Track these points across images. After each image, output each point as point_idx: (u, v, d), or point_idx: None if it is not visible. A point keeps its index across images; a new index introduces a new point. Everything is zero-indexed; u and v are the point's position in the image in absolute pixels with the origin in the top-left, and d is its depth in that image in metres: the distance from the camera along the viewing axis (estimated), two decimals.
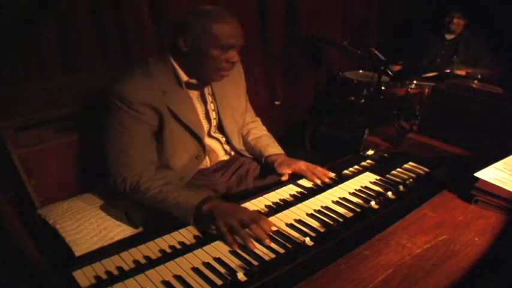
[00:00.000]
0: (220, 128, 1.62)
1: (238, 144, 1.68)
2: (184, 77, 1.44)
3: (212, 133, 1.60)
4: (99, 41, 2.06)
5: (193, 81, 1.46)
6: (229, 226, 1.14)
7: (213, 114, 1.58)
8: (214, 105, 1.58)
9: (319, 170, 1.54)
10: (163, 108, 1.40)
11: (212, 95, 1.58)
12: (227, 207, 1.21)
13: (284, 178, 1.53)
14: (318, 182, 1.50)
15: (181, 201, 1.26)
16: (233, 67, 1.43)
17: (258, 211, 1.31)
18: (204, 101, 1.56)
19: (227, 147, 1.66)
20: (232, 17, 1.39)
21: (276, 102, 3.04)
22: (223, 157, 1.66)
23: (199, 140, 1.50)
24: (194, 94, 1.52)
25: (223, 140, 1.64)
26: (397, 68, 3.10)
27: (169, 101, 1.41)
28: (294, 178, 1.55)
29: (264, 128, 1.83)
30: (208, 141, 1.58)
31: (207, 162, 1.60)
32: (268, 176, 1.63)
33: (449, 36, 3.26)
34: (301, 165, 1.57)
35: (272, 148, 1.70)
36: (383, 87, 2.73)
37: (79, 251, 1.34)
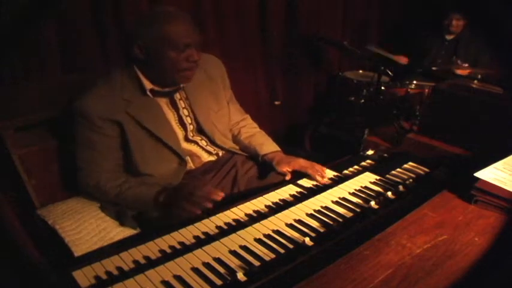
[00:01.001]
0: (200, 131, 1.59)
1: (224, 142, 1.64)
2: (149, 85, 1.42)
3: (190, 137, 1.57)
4: (99, 41, 2.06)
5: (158, 88, 1.44)
6: (180, 208, 1.27)
7: (187, 120, 1.55)
8: (188, 110, 1.55)
9: (318, 166, 1.54)
10: (125, 119, 1.40)
11: (186, 100, 1.54)
12: (176, 192, 1.34)
13: (287, 178, 1.51)
14: (319, 179, 1.50)
15: (139, 199, 1.39)
16: (196, 65, 1.41)
17: (256, 212, 1.31)
18: (175, 108, 1.52)
19: (211, 148, 1.63)
20: (183, 15, 1.36)
21: (276, 102, 3.03)
22: (209, 158, 1.63)
23: (173, 147, 1.48)
24: (163, 101, 1.49)
25: (203, 142, 1.60)
26: (404, 60, 3.09)
27: (134, 111, 1.40)
28: (294, 178, 1.55)
29: (255, 124, 1.80)
30: (186, 145, 1.56)
31: (190, 165, 1.58)
32: (269, 176, 1.62)
33: (449, 37, 3.26)
34: (301, 162, 1.56)
35: (267, 146, 1.67)
36: (383, 87, 2.74)
37: (78, 251, 1.34)
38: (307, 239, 1.13)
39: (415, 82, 2.72)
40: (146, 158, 1.46)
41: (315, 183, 1.51)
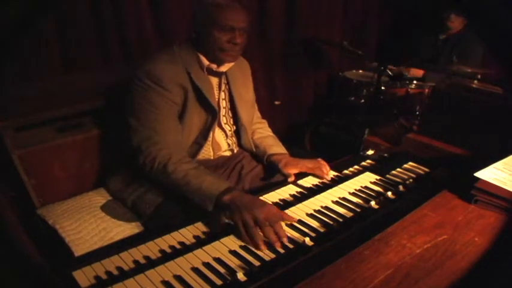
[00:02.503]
0: (234, 118, 1.65)
1: (249, 136, 1.70)
2: (206, 62, 1.50)
3: (222, 123, 1.62)
4: (99, 41, 2.06)
5: (214, 66, 1.51)
6: (244, 222, 1.16)
7: (223, 103, 1.61)
8: (225, 94, 1.62)
9: (326, 167, 1.55)
10: (189, 88, 1.47)
11: (227, 84, 1.62)
12: (246, 201, 1.21)
13: (291, 179, 1.52)
14: (327, 177, 1.53)
15: (203, 188, 1.28)
16: (237, 48, 1.47)
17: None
18: (220, 88, 1.60)
19: (230, 142, 1.66)
20: (234, 4, 1.45)
21: (276, 102, 3.03)
22: (226, 152, 1.67)
23: (211, 126, 1.54)
24: (214, 80, 1.57)
25: (229, 133, 1.65)
26: (419, 72, 3.09)
27: (196, 80, 1.48)
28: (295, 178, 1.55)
29: (269, 130, 1.85)
30: (217, 130, 1.61)
31: (210, 154, 1.61)
32: (273, 176, 1.63)
33: (442, 36, 3.24)
34: (308, 163, 1.57)
35: (276, 147, 1.71)
36: (383, 87, 2.73)
37: (79, 251, 1.34)
38: (307, 239, 1.13)
39: (415, 82, 2.71)
40: (190, 132, 1.51)
41: (315, 183, 1.51)
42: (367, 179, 1.50)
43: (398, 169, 1.58)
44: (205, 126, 1.54)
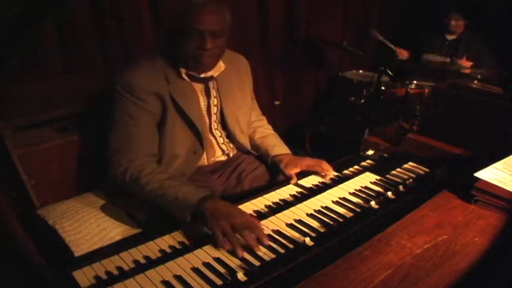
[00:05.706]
0: (223, 124, 1.61)
1: (241, 139, 1.66)
2: (183, 70, 1.45)
3: (213, 129, 1.59)
4: (99, 41, 2.06)
5: (194, 73, 1.46)
6: (221, 229, 1.11)
7: (214, 109, 1.57)
8: (218, 100, 1.57)
9: (325, 164, 1.54)
10: (167, 96, 1.42)
11: (217, 90, 1.57)
12: (223, 209, 1.17)
13: (293, 182, 1.50)
14: (329, 173, 1.51)
15: (180, 197, 1.23)
16: (209, 54, 1.38)
17: (256, 212, 1.31)
18: (208, 95, 1.55)
19: (224, 147, 1.64)
20: (207, 3, 1.35)
21: (276, 102, 3.04)
22: (221, 157, 1.65)
23: (199, 134, 1.49)
24: (198, 87, 1.52)
25: (220, 139, 1.63)
26: (404, 54, 3.09)
27: (174, 91, 1.43)
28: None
29: (270, 127, 1.82)
30: (208, 136, 1.58)
31: (204, 160, 1.59)
32: (275, 177, 1.63)
33: (450, 37, 3.25)
34: (308, 161, 1.56)
35: (279, 148, 1.69)
36: (383, 87, 2.73)
37: (79, 251, 1.34)
38: (307, 239, 1.13)
39: (415, 82, 2.71)
40: (175, 141, 1.46)
41: (315, 183, 1.51)
42: (367, 179, 1.50)
43: (398, 169, 1.58)
44: (194, 134, 1.49)
